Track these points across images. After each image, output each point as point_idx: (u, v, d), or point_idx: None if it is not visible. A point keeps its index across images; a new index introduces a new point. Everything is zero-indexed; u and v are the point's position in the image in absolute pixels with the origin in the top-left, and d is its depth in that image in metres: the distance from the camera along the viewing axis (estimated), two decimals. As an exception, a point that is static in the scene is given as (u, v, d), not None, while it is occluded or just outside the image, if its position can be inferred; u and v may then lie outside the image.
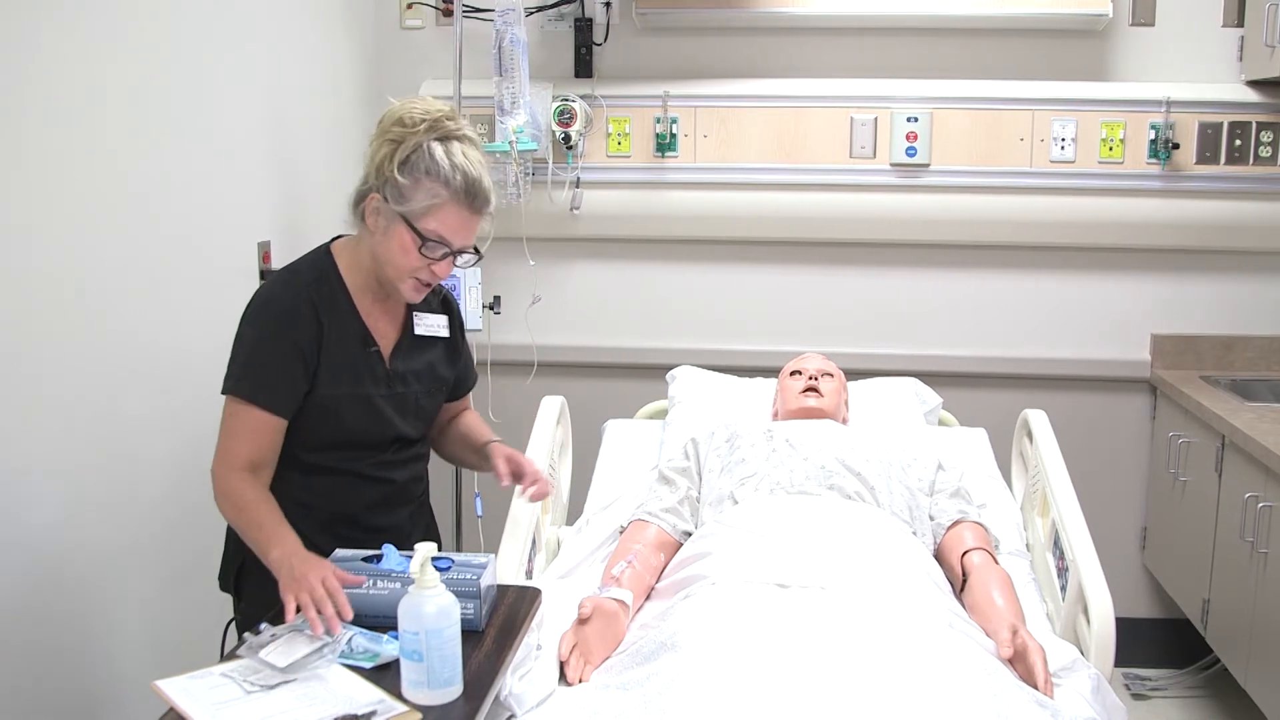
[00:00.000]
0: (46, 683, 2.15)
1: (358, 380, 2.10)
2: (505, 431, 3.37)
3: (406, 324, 2.20)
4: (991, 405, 3.53)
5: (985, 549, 2.34)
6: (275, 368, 2.02)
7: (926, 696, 1.72)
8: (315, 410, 2.07)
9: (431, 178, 1.98)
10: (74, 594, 2.23)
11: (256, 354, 2.03)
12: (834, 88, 3.53)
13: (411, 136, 1.98)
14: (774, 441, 2.55)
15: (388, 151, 2.00)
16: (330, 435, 2.10)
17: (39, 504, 2.13)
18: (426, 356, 2.23)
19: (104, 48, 2.27)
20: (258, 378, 2.02)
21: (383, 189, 2.00)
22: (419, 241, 1.99)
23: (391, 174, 1.98)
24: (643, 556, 2.32)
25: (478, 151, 2.04)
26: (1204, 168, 3.46)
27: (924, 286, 3.67)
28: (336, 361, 2.08)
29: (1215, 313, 3.63)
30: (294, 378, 2.04)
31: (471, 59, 3.28)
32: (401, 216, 1.99)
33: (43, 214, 2.10)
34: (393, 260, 2.03)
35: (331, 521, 2.11)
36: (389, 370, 2.15)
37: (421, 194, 1.98)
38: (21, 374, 2.07)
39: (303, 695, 1.61)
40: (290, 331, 2.03)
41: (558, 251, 3.69)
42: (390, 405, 2.15)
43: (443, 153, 1.98)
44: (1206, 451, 3.19)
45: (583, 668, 1.99)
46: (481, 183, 2.01)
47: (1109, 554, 2.47)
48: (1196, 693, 3.61)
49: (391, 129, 2.01)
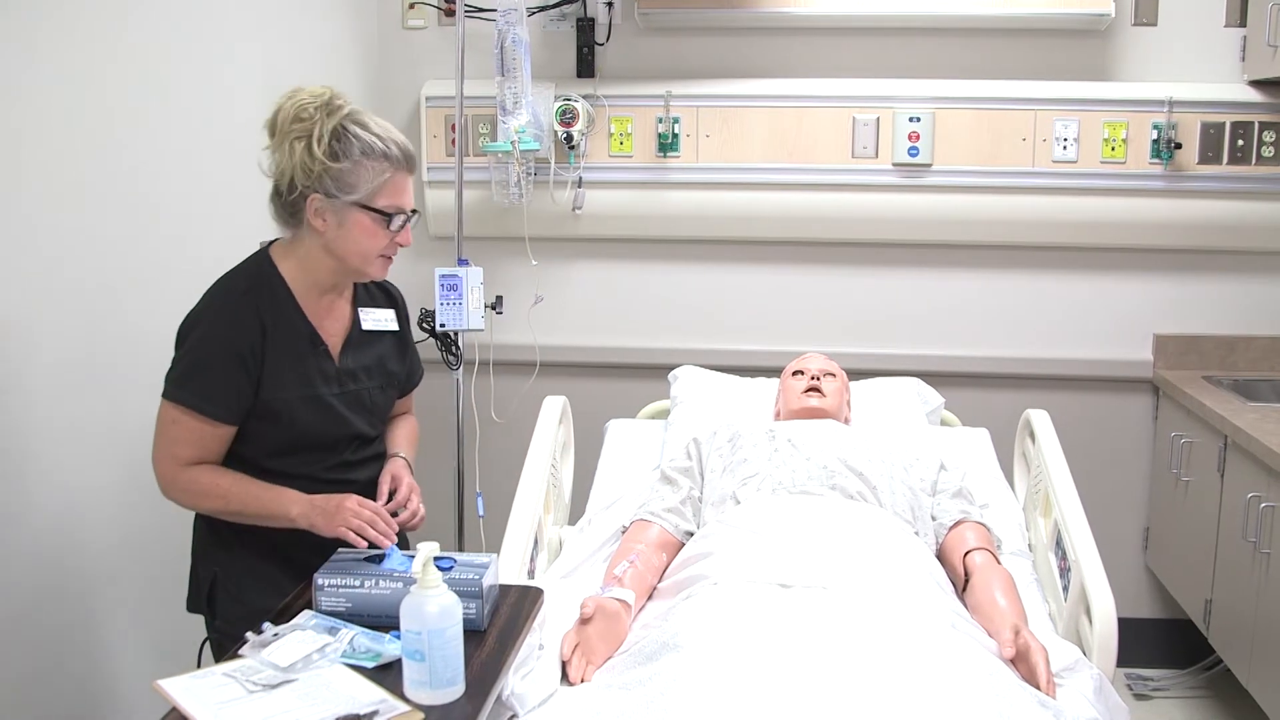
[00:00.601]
0: (49, 682, 2.16)
1: (308, 381, 2.10)
2: (508, 432, 3.40)
3: (354, 320, 2.20)
4: (994, 405, 3.53)
5: (988, 549, 2.34)
6: (216, 375, 2.01)
7: (929, 697, 1.72)
8: (267, 415, 2.06)
9: (369, 157, 2.00)
10: (77, 593, 2.23)
11: (197, 361, 2.01)
12: (836, 88, 3.53)
13: (316, 126, 1.98)
14: (776, 441, 2.55)
15: (303, 148, 1.98)
16: (286, 439, 2.09)
17: (41, 503, 2.13)
18: (376, 351, 2.23)
19: (106, 48, 2.27)
20: (199, 385, 2.00)
21: (319, 186, 1.99)
22: (383, 219, 2.03)
23: (324, 168, 1.98)
24: (645, 556, 2.32)
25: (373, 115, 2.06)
26: (1206, 168, 3.46)
27: (926, 287, 3.67)
28: (284, 364, 2.07)
29: (1218, 313, 3.63)
30: (236, 386, 2.02)
31: (474, 59, 3.28)
32: (356, 204, 2.01)
33: (45, 213, 2.11)
34: (358, 248, 2.05)
35: (298, 528, 2.05)
36: (339, 368, 2.15)
37: (366, 175, 2.00)
38: (25, 372, 2.07)
39: (305, 695, 1.61)
40: (232, 338, 2.02)
41: (560, 251, 3.69)
42: (342, 403, 2.15)
43: (362, 131, 2.00)
44: (1209, 452, 3.19)
45: (585, 668, 1.99)
46: (407, 144, 2.05)
47: (1111, 554, 2.46)
48: (1199, 693, 3.61)
49: (292, 127, 1.99)
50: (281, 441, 2.09)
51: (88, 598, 2.28)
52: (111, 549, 2.33)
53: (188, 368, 2.01)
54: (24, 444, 2.09)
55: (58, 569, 2.18)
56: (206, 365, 2.01)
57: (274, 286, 2.08)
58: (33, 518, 2.11)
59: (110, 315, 2.31)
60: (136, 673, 2.38)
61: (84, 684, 2.26)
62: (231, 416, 2.03)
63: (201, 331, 2.03)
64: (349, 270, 2.10)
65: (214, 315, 2.04)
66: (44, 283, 2.12)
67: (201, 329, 2.03)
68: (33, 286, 2.09)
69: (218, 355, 2.01)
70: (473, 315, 3.05)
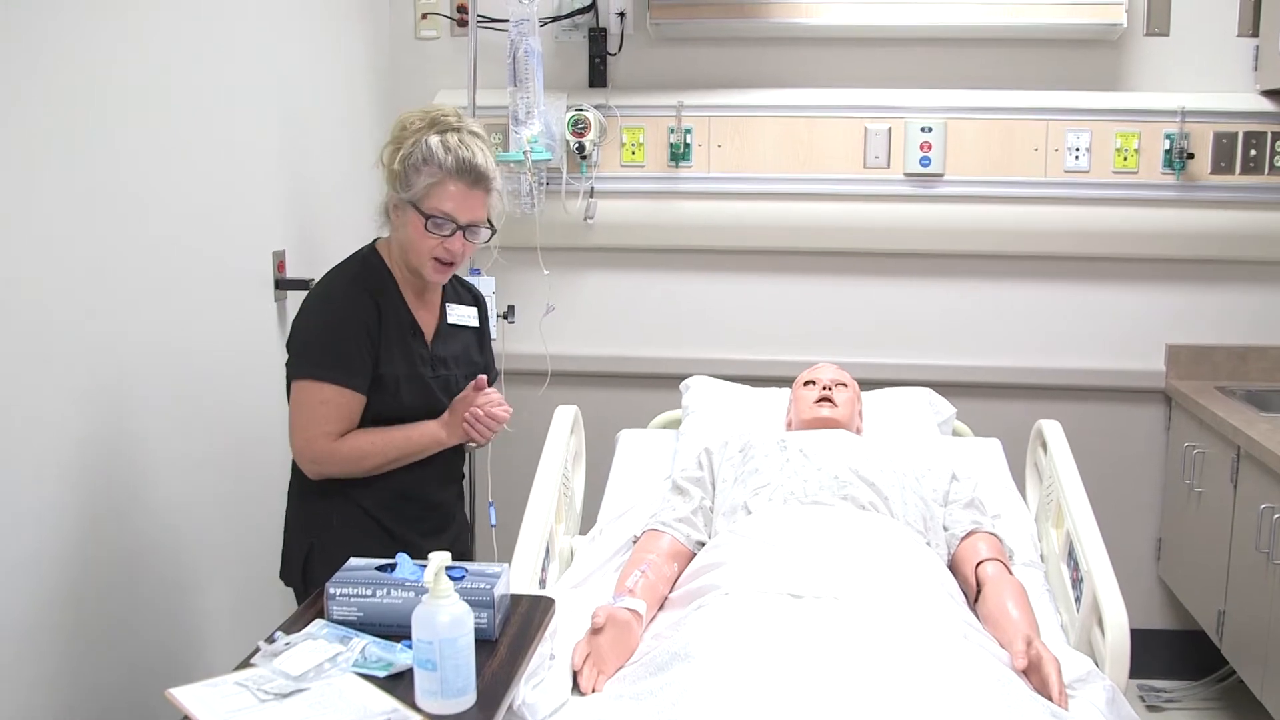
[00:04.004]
0: (60, 690, 2.16)
1: (410, 362, 2.31)
2: (519, 441, 3.40)
3: (442, 314, 2.43)
4: (1005, 415, 3.52)
5: (1000, 560, 2.34)
6: (348, 348, 2.23)
7: (940, 708, 1.71)
8: (379, 387, 2.27)
9: (428, 164, 2.20)
10: (87, 602, 2.24)
11: (327, 337, 2.24)
12: (848, 98, 3.53)
13: (411, 136, 2.23)
14: (788, 451, 2.55)
15: (392, 151, 2.24)
16: (389, 412, 2.29)
17: (53, 511, 2.14)
18: (461, 342, 2.46)
19: (119, 58, 2.28)
20: (334, 359, 2.22)
21: (394, 185, 2.24)
22: (423, 219, 2.21)
23: (398, 170, 2.22)
24: (656, 566, 2.32)
25: (479, 141, 2.25)
26: (1219, 178, 3.45)
27: (938, 296, 3.67)
28: (393, 344, 2.29)
29: (1230, 323, 3.62)
30: (364, 356, 2.24)
31: (486, 69, 3.29)
32: (409, 203, 2.22)
33: (57, 222, 2.11)
34: (412, 244, 2.26)
35: (392, 498, 2.33)
36: (433, 354, 2.37)
37: (421, 179, 2.20)
38: (38, 381, 2.08)
39: (316, 704, 1.61)
40: (356, 313, 2.25)
41: (572, 261, 3.70)
42: (437, 385, 2.36)
43: (438, 141, 2.20)
44: (1221, 462, 3.18)
45: (596, 677, 1.99)
46: (475, 160, 2.21)
47: (1123, 565, 2.46)
48: (1211, 705, 3.60)
49: (396, 134, 2.26)
50: (385, 413, 2.29)
51: (99, 606, 2.28)
52: (124, 556, 2.34)
53: (323, 348, 2.24)
54: (39, 453, 2.10)
55: (69, 578, 2.18)
56: (339, 342, 2.23)
57: (382, 276, 2.33)
58: (46, 525, 2.12)
59: (126, 324, 2.32)
60: (149, 681, 2.38)
61: (96, 692, 2.27)
62: (362, 384, 2.25)
63: (327, 314, 2.27)
64: (412, 269, 2.30)
65: (337, 298, 2.28)
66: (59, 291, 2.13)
67: (327, 312, 2.27)
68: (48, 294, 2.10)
69: (348, 332, 2.24)
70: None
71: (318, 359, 2.23)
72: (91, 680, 2.24)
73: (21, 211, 2.02)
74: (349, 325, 2.24)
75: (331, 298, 2.29)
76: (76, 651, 2.20)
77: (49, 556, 2.12)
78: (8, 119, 1.97)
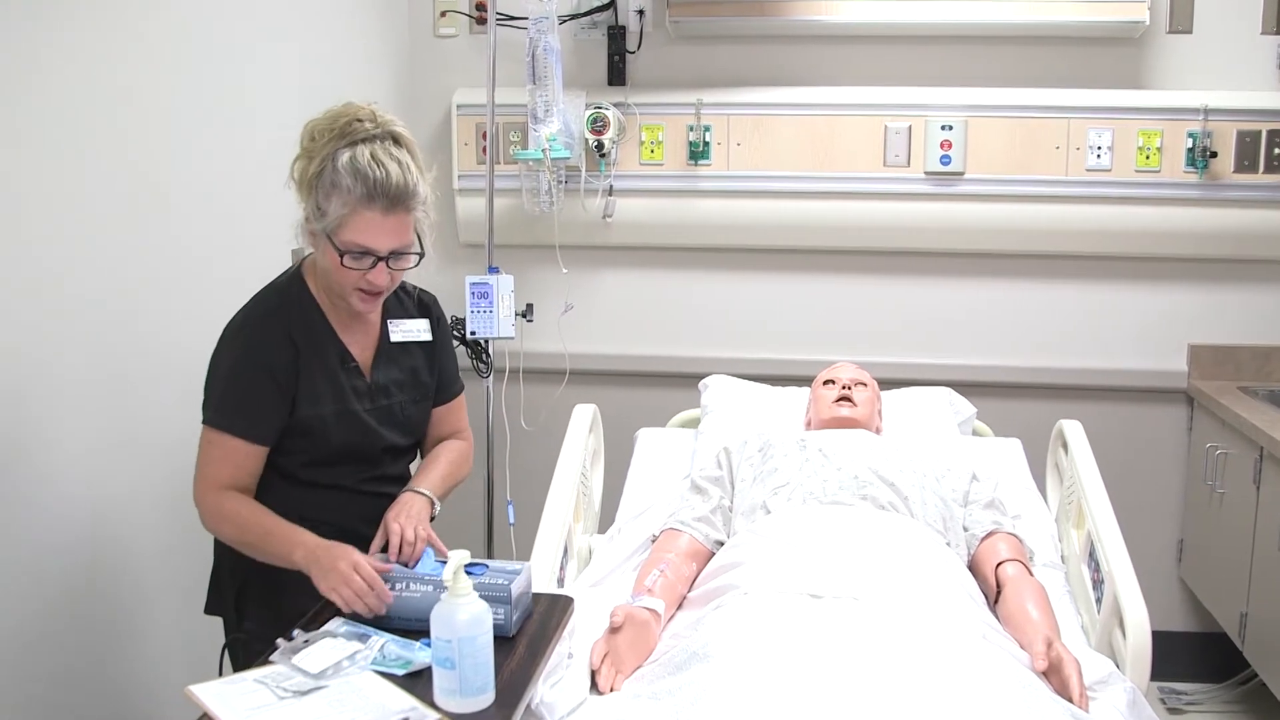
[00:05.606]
0: (81, 687, 2.17)
1: (341, 397, 2.09)
2: (537, 440, 3.40)
3: (383, 333, 2.18)
4: (1026, 415, 3.51)
5: (1020, 560, 2.32)
6: (252, 397, 2.01)
7: (960, 709, 1.70)
8: (301, 431, 2.06)
9: (338, 190, 1.93)
10: (106, 600, 2.24)
11: (232, 384, 2.01)
12: (868, 96, 3.52)
13: (319, 151, 1.95)
14: (807, 451, 2.54)
15: (302, 167, 1.98)
16: (321, 453, 2.09)
17: (71, 510, 2.14)
18: (409, 363, 2.21)
19: (138, 56, 2.29)
20: (235, 408, 2.01)
21: (308, 207, 1.99)
22: (339, 254, 1.96)
23: (310, 192, 1.96)
24: (675, 565, 2.31)
25: (396, 148, 1.97)
26: (1242, 176, 3.43)
27: (958, 296, 3.65)
28: (317, 382, 2.07)
29: (1253, 322, 3.59)
30: (271, 405, 2.02)
31: (505, 67, 3.29)
32: (324, 234, 1.96)
33: (75, 221, 2.12)
34: (331, 276, 2.02)
35: (338, 536, 1.97)
36: (370, 383, 2.14)
37: (333, 207, 1.94)
38: (53, 380, 2.08)
39: (335, 701, 1.61)
40: (264, 358, 2.02)
41: (590, 259, 3.70)
42: (375, 418, 2.14)
43: (346, 160, 1.92)
44: (1244, 463, 3.15)
45: (614, 677, 1.98)
46: (389, 180, 1.92)
47: (1145, 566, 2.44)
48: (1233, 707, 3.57)
49: (305, 145, 1.99)
50: (316, 454, 2.09)
51: (118, 605, 2.29)
52: (143, 556, 2.34)
53: (224, 392, 2.02)
54: (56, 452, 2.10)
55: (87, 577, 2.19)
56: (243, 388, 2.01)
57: (304, 304, 2.09)
58: (63, 524, 2.12)
59: (144, 323, 2.32)
60: (165, 679, 2.38)
61: (116, 689, 2.28)
62: (270, 436, 2.04)
63: (235, 355, 2.03)
64: (335, 296, 2.07)
65: (246, 337, 2.04)
66: (77, 290, 2.13)
67: (235, 352, 2.03)
68: (66, 294, 2.10)
69: (253, 377, 2.01)
70: (503, 323, 3.06)
71: (218, 404, 2.02)
72: (112, 673, 2.25)
73: (43, 212, 2.03)
74: (255, 370, 2.01)
75: (240, 339, 2.04)
76: (90, 648, 2.21)
77: (59, 551, 2.13)
78: (29, 119, 1.98)
